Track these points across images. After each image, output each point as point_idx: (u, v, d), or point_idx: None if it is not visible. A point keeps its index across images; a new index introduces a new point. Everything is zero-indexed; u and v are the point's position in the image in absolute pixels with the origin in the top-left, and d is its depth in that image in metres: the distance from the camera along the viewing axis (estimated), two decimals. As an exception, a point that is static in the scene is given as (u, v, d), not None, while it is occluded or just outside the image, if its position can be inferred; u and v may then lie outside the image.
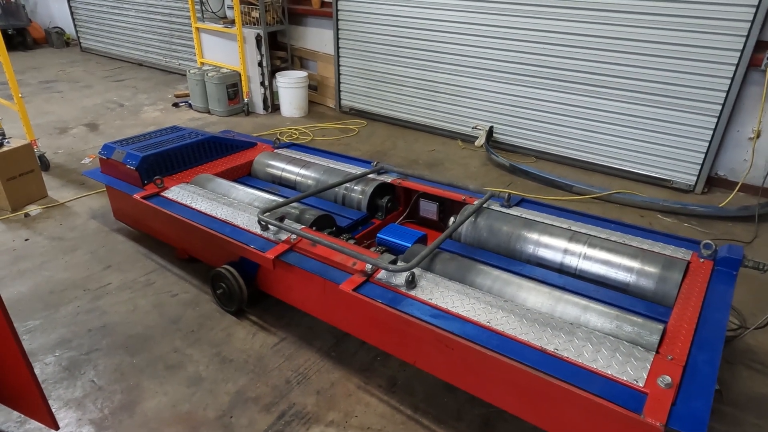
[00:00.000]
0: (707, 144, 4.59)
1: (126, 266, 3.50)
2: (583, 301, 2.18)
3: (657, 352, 1.91)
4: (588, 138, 5.22)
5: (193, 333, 2.90)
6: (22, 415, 2.29)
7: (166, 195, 3.33)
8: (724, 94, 4.38)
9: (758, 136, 4.47)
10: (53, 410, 1.99)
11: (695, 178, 4.76)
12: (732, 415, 2.46)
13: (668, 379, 1.73)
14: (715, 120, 4.49)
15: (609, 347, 1.92)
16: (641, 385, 1.75)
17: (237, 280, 2.93)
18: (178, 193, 3.33)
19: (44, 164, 4.90)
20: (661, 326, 2.02)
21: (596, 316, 2.10)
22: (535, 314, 2.10)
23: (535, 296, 2.24)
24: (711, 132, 4.54)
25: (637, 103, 4.82)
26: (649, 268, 2.44)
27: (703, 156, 4.65)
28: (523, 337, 2.00)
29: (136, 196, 3.31)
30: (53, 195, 4.48)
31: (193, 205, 3.16)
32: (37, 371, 2.41)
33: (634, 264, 2.48)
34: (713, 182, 4.84)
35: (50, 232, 3.90)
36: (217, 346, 2.80)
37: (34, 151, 4.36)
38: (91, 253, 3.64)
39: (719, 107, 4.44)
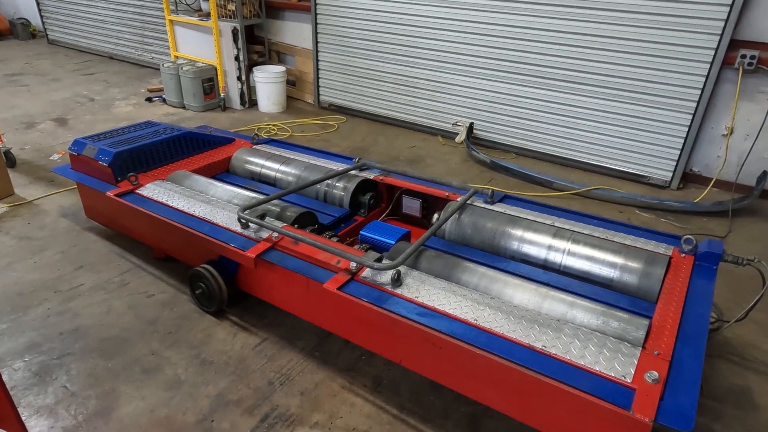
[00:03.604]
0: (683, 140, 4.68)
1: (99, 266, 3.38)
2: (570, 298, 2.18)
3: (643, 347, 1.91)
4: (567, 135, 5.27)
5: (171, 335, 2.81)
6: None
7: (141, 192, 3.22)
8: (699, 92, 4.46)
9: (731, 132, 4.57)
10: (23, 418, 1.89)
11: (671, 174, 4.85)
12: (712, 407, 2.50)
13: (655, 374, 1.74)
14: (690, 117, 4.58)
15: (596, 343, 1.92)
16: (629, 381, 1.75)
17: (216, 280, 2.85)
18: (154, 190, 3.23)
19: (10, 160, 4.70)
20: (646, 322, 2.03)
21: (583, 312, 2.10)
22: (522, 311, 2.09)
23: (522, 293, 2.23)
24: (686, 129, 4.63)
25: (615, 100, 4.88)
26: (633, 264, 2.45)
27: (678, 152, 4.74)
28: (511, 334, 1.98)
29: (110, 194, 3.19)
30: (20, 193, 4.29)
31: (170, 203, 3.06)
32: (5, 377, 2.30)
33: (618, 260, 2.49)
34: (688, 178, 4.94)
35: (17, 232, 3.74)
36: (196, 347, 2.72)
37: (-1, 147, 4.18)
38: (62, 253, 3.50)
39: (694, 104, 4.52)
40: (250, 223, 2.72)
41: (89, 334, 2.79)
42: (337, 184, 3.41)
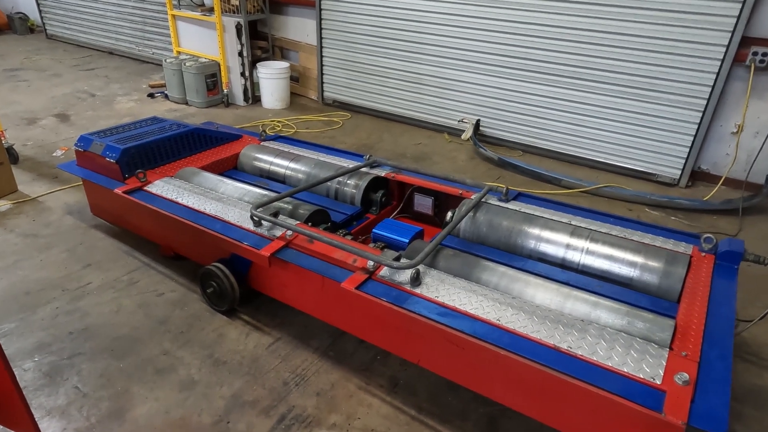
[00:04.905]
0: (692, 138, 4.65)
1: (107, 264, 3.33)
2: (593, 298, 2.15)
3: (670, 348, 1.89)
4: (574, 132, 5.24)
5: (183, 334, 2.76)
6: (2, 427, 2.13)
7: (149, 189, 3.17)
8: (709, 89, 4.43)
9: (741, 130, 4.55)
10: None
11: (679, 172, 4.82)
12: (732, 408, 2.46)
13: (686, 376, 1.71)
14: (700, 114, 4.55)
15: (622, 344, 1.89)
16: (658, 383, 1.73)
17: (228, 279, 2.80)
18: (163, 187, 3.18)
19: (13, 157, 4.64)
20: (672, 322, 2.00)
21: (607, 312, 2.07)
22: (545, 311, 2.06)
23: (544, 293, 2.20)
24: (696, 126, 4.60)
25: (624, 97, 4.85)
26: (653, 263, 2.42)
27: (687, 150, 4.71)
28: (535, 335, 1.95)
29: (118, 191, 3.14)
30: (24, 189, 4.23)
31: (180, 200, 3.02)
32: (16, 379, 2.26)
33: (638, 259, 2.46)
34: (696, 176, 4.91)
35: (23, 229, 3.68)
36: (208, 347, 2.68)
37: (1, 143, 4.11)
38: (69, 251, 3.45)
39: (704, 102, 4.49)
40: (263, 221, 2.68)
41: (99, 334, 2.74)
42: (348, 182, 3.36)
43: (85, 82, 7.38)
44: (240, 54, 6.45)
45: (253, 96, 6.79)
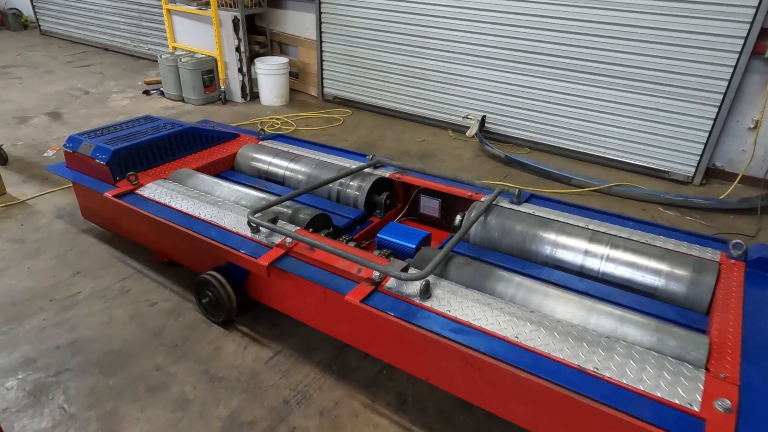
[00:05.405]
0: (707, 134, 4.48)
1: (98, 272, 3.17)
2: (618, 311, 1.98)
3: (706, 368, 1.72)
4: (584, 128, 5.06)
5: (177, 348, 2.60)
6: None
7: (141, 193, 3.01)
8: (725, 83, 4.25)
9: (759, 126, 4.37)
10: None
11: (694, 170, 4.65)
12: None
13: (727, 402, 1.55)
14: (716, 110, 4.37)
15: (654, 365, 1.72)
16: (697, 410, 1.57)
17: (225, 288, 2.65)
18: (155, 190, 3.01)
19: (2, 157, 4.47)
20: (707, 339, 1.83)
21: (634, 327, 1.90)
22: (566, 327, 1.90)
23: (564, 306, 2.03)
24: (711, 122, 4.42)
25: (635, 91, 4.67)
26: (679, 271, 2.26)
27: (702, 147, 4.54)
28: (558, 354, 1.79)
29: (108, 195, 2.97)
30: (12, 192, 4.06)
31: (173, 204, 2.85)
32: (-4, 402, 2.11)
33: (662, 266, 2.30)
34: (710, 173, 4.74)
35: (10, 234, 3.52)
36: (204, 362, 2.52)
37: (-11, 144, 3.95)
38: (58, 258, 3.29)
39: (720, 96, 4.31)
40: (261, 227, 2.52)
41: (88, 348, 2.58)
42: (351, 183, 3.20)
43: (79, 79, 7.20)
44: (237, 49, 6.26)
45: (251, 93, 6.61)
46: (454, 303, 2.04)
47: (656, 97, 4.58)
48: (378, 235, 2.72)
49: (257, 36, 6.86)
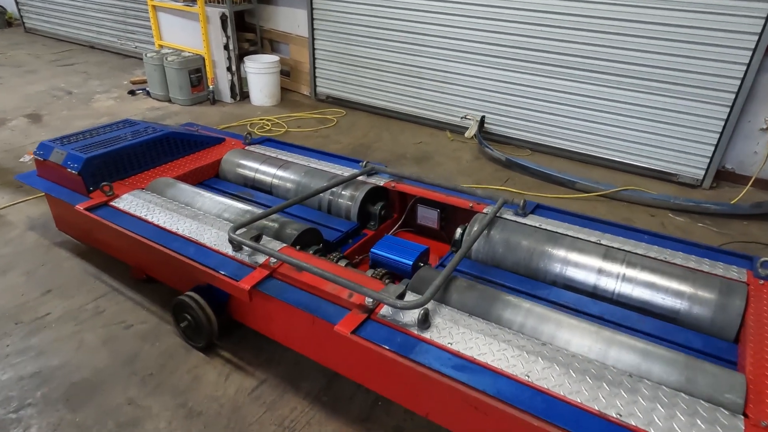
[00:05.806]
0: (718, 135, 4.27)
1: (70, 290, 2.94)
2: (641, 344, 1.77)
3: (744, 414, 1.51)
4: (588, 129, 4.84)
5: (153, 377, 2.38)
6: None
7: (116, 205, 2.78)
8: (738, 82, 4.04)
9: (772, 127, 4.17)
10: None
11: (703, 173, 4.44)
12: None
13: (775, 460, 1.34)
14: (727, 110, 4.16)
15: (684, 410, 1.51)
16: (738, 469, 1.36)
17: (204, 311, 2.42)
18: (131, 202, 2.78)
19: (-25, 163, 4.23)
20: (742, 378, 1.62)
21: (660, 364, 1.69)
22: (583, 363, 1.68)
23: (580, 337, 1.81)
24: (722, 122, 4.21)
25: (642, 90, 4.45)
26: (704, 293, 2.05)
27: (712, 148, 4.33)
28: (575, 397, 1.58)
29: (79, 207, 2.74)
30: (-16, 201, 3.83)
31: (149, 218, 2.63)
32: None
33: (685, 288, 2.09)
34: (721, 176, 4.54)
35: (-22, 248, 3.29)
36: (182, 394, 2.30)
37: (-42, 150, 3.70)
38: (27, 274, 3.05)
39: (732, 96, 4.10)
40: (243, 246, 2.29)
41: (54, 378, 2.36)
42: (343, 193, 2.97)
43: (62, 78, 6.93)
44: (226, 47, 6.01)
45: (240, 92, 6.36)
46: (456, 334, 1.83)
47: (664, 96, 4.37)
48: (372, 250, 2.51)
49: (247, 33, 6.60)
